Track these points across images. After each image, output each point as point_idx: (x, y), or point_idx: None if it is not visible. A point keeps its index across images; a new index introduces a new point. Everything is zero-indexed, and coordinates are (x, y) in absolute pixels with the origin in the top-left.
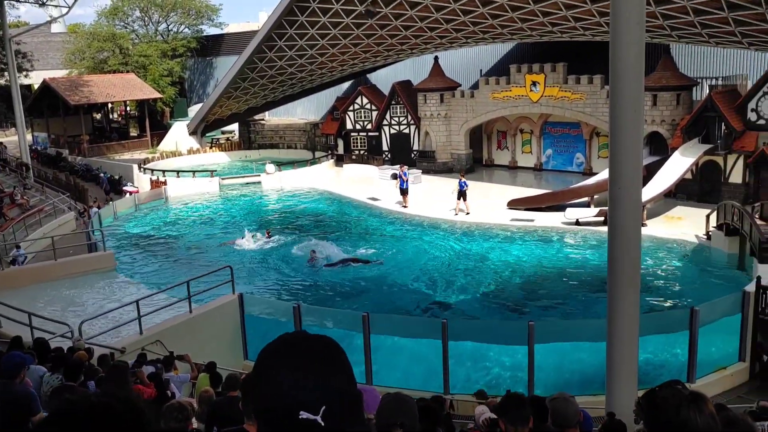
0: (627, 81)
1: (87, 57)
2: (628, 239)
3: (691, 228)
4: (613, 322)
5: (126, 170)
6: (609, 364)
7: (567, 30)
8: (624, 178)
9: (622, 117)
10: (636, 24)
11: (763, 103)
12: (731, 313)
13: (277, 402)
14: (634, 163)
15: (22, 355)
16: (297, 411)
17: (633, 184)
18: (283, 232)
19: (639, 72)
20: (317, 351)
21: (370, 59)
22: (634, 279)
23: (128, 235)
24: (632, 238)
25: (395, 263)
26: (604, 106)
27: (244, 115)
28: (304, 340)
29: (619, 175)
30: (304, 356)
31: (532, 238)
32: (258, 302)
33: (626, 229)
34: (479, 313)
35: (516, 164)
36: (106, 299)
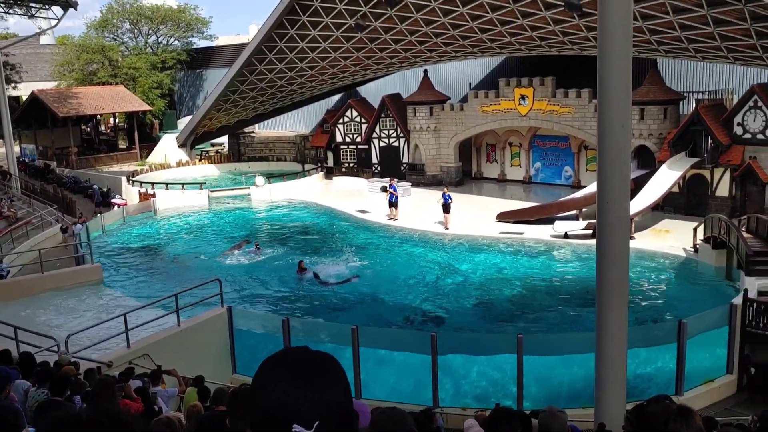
0: (615, 95)
1: (76, 69)
2: (616, 252)
3: (679, 241)
4: (601, 335)
5: (114, 182)
6: (598, 376)
7: (555, 44)
8: (612, 191)
9: (610, 130)
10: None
11: (748, 117)
12: (719, 326)
13: (272, 414)
14: (621, 177)
15: (7, 370)
16: (291, 424)
17: (621, 197)
18: (273, 245)
19: (626, 86)
20: (316, 366)
21: (360, 72)
22: (623, 291)
23: (116, 247)
24: (620, 250)
25: (384, 276)
26: (593, 119)
27: (233, 128)
28: (303, 355)
29: (607, 189)
30: (302, 371)
31: (521, 251)
32: (247, 315)
33: (614, 242)
34: (468, 325)
35: (505, 177)
36: (93, 312)
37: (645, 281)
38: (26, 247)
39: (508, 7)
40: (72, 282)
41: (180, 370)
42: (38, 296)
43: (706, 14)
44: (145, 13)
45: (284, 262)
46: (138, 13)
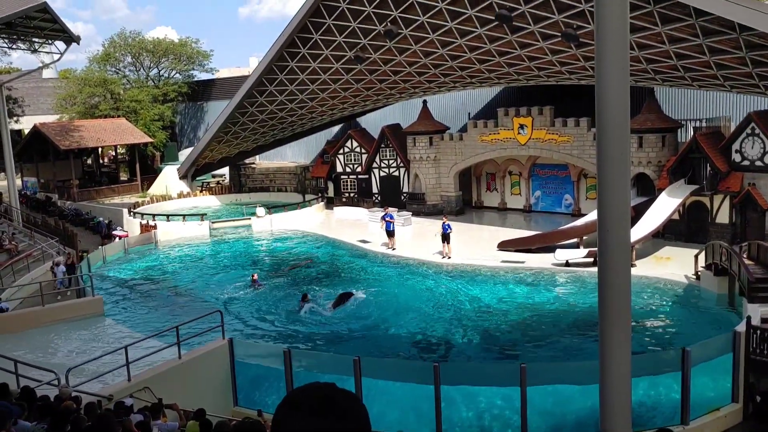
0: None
1: (78, 102)
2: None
3: (680, 268)
4: (604, 364)
5: (116, 214)
6: (602, 406)
7: (553, 74)
8: (612, 219)
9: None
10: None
11: (746, 144)
12: (722, 354)
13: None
14: (621, 204)
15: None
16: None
17: (621, 225)
18: (274, 276)
19: (625, 115)
20: (338, 404)
21: (360, 103)
22: (625, 320)
23: (117, 279)
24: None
25: (385, 306)
26: (591, 148)
27: (234, 159)
28: (325, 391)
29: (608, 216)
30: (325, 408)
31: (522, 280)
32: (248, 347)
33: (616, 269)
34: (471, 355)
35: (505, 206)
36: (94, 345)
37: (647, 309)
38: (27, 280)
39: (505, 39)
40: (73, 314)
41: (181, 402)
42: (39, 329)
43: (701, 43)
44: (147, 46)
45: (285, 293)
46: (140, 46)
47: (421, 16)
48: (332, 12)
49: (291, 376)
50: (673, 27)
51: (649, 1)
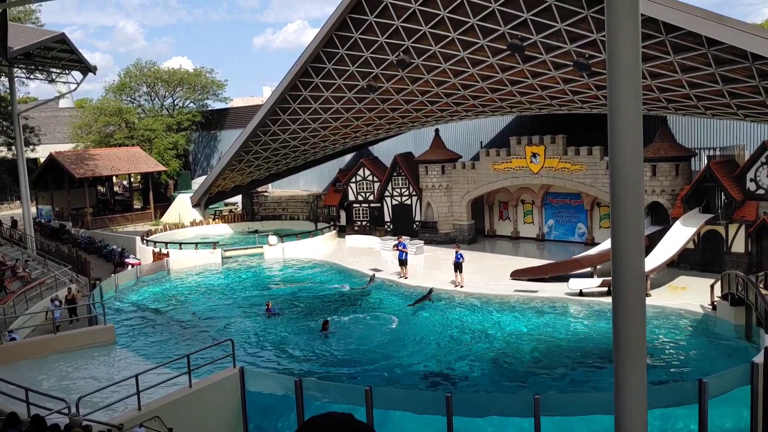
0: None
1: (94, 131)
2: (632, 310)
3: (696, 298)
4: (620, 395)
5: (128, 242)
6: None
7: (565, 103)
8: (626, 248)
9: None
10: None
11: (761, 172)
12: (740, 385)
13: None
14: (635, 234)
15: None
16: None
17: (635, 254)
18: (286, 304)
19: (637, 144)
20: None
21: (372, 132)
22: (640, 350)
23: (129, 307)
24: (637, 308)
25: (397, 336)
26: (604, 176)
27: (247, 187)
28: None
29: (622, 246)
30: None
31: (535, 309)
32: (259, 376)
33: (630, 299)
34: (484, 385)
35: (518, 234)
36: (104, 374)
37: (663, 339)
38: (40, 308)
39: (517, 68)
40: (84, 343)
41: (191, 431)
42: (50, 357)
43: (714, 72)
44: (162, 76)
45: (297, 321)
46: (155, 76)
47: (434, 45)
48: (345, 42)
49: (302, 406)
50: (685, 56)
51: (661, 30)
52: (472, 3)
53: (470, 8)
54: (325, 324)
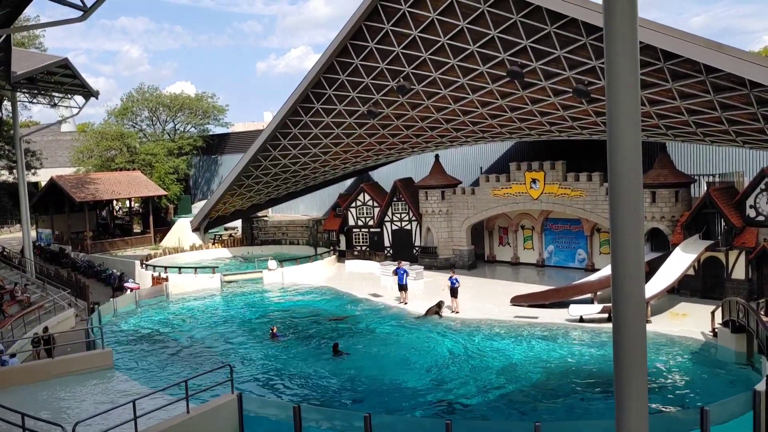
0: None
1: (95, 155)
2: (633, 336)
3: (696, 325)
4: (621, 423)
5: (128, 266)
6: None
7: (565, 129)
8: (626, 274)
9: (622, 214)
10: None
11: (761, 199)
12: (742, 413)
13: None
14: (635, 260)
15: None
16: None
17: (636, 280)
18: (286, 330)
19: (637, 170)
20: None
21: (372, 157)
22: (641, 377)
23: (128, 332)
24: (637, 335)
25: (396, 361)
26: (604, 202)
27: (247, 212)
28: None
29: (621, 272)
30: None
31: (536, 335)
32: (257, 402)
33: (631, 326)
34: (483, 412)
35: (518, 260)
36: (102, 399)
37: (664, 366)
38: (39, 332)
39: (517, 94)
40: (82, 367)
41: None
42: (48, 382)
43: (712, 99)
44: (164, 101)
45: (300, 346)
46: (157, 101)
47: (433, 72)
48: (346, 68)
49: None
50: (683, 83)
51: (659, 57)
52: (471, 30)
53: (470, 35)
54: (336, 347)
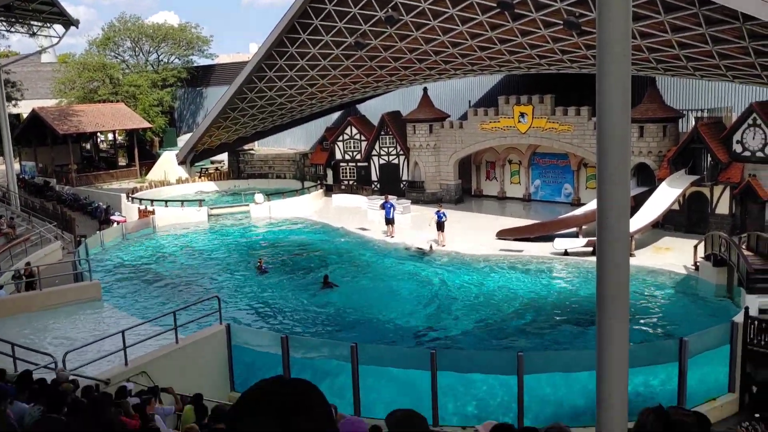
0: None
1: (77, 87)
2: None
3: (679, 258)
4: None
5: (114, 200)
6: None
7: (554, 62)
8: (612, 208)
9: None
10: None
11: (747, 134)
12: (720, 344)
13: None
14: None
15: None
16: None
17: (621, 214)
18: (273, 262)
19: (626, 104)
20: (291, 398)
21: (360, 90)
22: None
23: (115, 264)
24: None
25: (382, 294)
26: (592, 137)
27: (233, 145)
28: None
29: (607, 206)
30: (277, 403)
31: (521, 269)
32: (245, 332)
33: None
34: (468, 343)
35: (505, 195)
36: (91, 330)
37: (646, 299)
38: (24, 264)
39: (507, 26)
40: (70, 299)
41: (178, 387)
42: (36, 313)
43: (704, 33)
44: (147, 31)
45: (283, 279)
46: (139, 31)
47: (422, 2)
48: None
49: (288, 362)
50: (676, 16)
51: None
52: None
53: None
54: (326, 278)
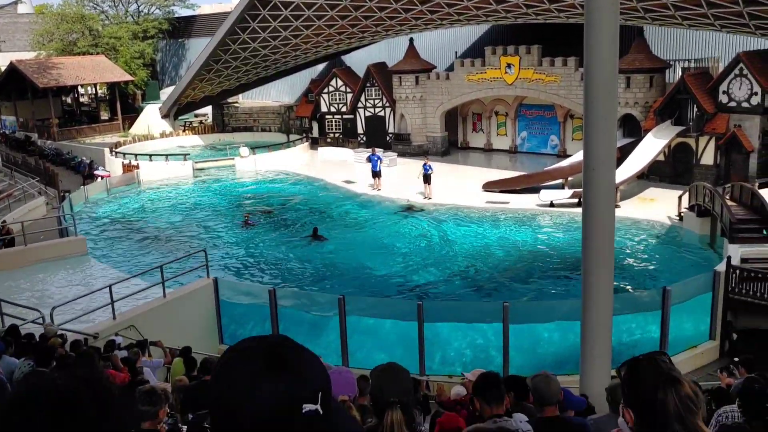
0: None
1: (56, 39)
2: (601, 220)
3: (664, 209)
4: (587, 302)
5: (97, 154)
6: (583, 343)
7: (542, 12)
8: (598, 160)
9: (596, 99)
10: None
11: (734, 85)
12: (702, 293)
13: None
14: (607, 146)
15: None
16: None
17: (607, 166)
18: (259, 216)
19: (613, 54)
20: (293, 352)
21: (345, 41)
22: (608, 260)
23: (100, 219)
24: (606, 219)
25: (370, 246)
26: (579, 88)
27: (217, 98)
28: (267, 344)
29: (593, 158)
30: (289, 359)
31: (507, 221)
32: (233, 286)
33: (600, 210)
34: (454, 295)
35: (491, 147)
36: (78, 285)
37: (630, 249)
38: (9, 220)
39: None
40: (56, 254)
41: (166, 340)
42: (22, 269)
43: None
44: None
45: (270, 233)
46: None
47: None
48: None
49: (276, 315)
50: None
51: None
52: None
53: None
54: (315, 231)
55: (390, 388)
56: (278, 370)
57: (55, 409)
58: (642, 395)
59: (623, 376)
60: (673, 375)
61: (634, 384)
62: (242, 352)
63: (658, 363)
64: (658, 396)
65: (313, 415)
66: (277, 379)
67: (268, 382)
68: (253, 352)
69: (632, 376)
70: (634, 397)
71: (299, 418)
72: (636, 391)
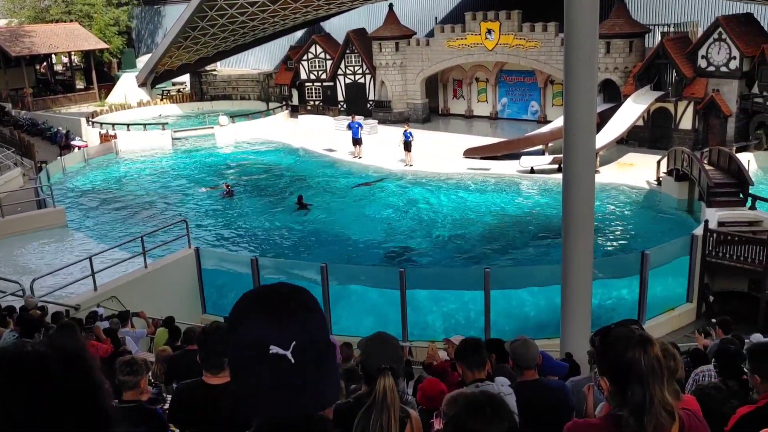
0: (581, 29)
1: (27, 6)
2: (581, 186)
3: (643, 174)
4: (567, 267)
5: (73, 124)
6: (563, 308)
7: None
8: (578, 125)
9: (576, 65)
10: None
11: (713, 49)
12: (680, 256)
13: (249, 343)
14: (587, 111)
15: None
16: (267, 349)
17: (586, 131)
18: (240, 185)
19: (593, 20)
20: (291, 299)
21: (324, 6)
22: (588, 225)
23: (78, 190)
24: (586, 184)
25: (351, 214)
26: (559, 54)
27: (194, 66)
28: (277, 290)
29: (573, 123)
30: (277, 304)
31: (487, 187)
32: (215, 256)
33: (580, 176)
34: (436, 261)
35: (472, 113)
36: (57, 256)
37: (609, 214)
38: None
39: None
40: (34, 226)
41: (149, 311)
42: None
43: None
44: None
45: (251, 202)
46: None
47: None
48: None
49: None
50: None
51: None
52: None
53: None
54: (300, 199)
55: (380, 356)
56: (263, 314)
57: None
58: (613, 359)
59: (596, 344)
60: (645, 336)
61: (606, 350)
62: (253, 293)
63: (630, 329)
64: (627, 356)
65: (281, 358)
66: (257, 320)
67: (249, 320)
68: (257, 295)
69: (604, 343)
70: (606, 363)
71: (266, 359)
72: (608, 356)
